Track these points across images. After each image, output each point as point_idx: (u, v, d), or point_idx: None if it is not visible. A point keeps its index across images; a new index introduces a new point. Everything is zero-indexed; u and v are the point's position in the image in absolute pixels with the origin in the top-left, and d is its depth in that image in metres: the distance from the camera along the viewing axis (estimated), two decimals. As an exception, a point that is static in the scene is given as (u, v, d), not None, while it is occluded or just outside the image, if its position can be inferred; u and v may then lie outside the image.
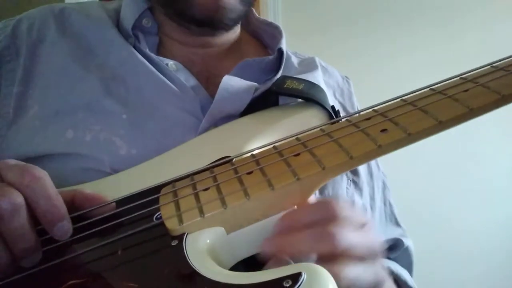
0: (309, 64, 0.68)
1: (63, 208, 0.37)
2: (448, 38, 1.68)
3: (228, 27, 0.61)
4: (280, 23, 1.61)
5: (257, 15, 0.70)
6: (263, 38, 0.69)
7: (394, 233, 0.68)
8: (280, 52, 0.63)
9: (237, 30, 0.66)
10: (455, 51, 1.65)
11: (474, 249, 1.75)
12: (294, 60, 0.67)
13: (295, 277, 0.29)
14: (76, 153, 0.50)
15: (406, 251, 0.68)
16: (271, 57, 0.62)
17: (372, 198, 0.66)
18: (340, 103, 0.66)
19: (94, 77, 0.55)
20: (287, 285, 0.29)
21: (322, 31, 1.65)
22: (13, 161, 0.38)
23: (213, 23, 0.58)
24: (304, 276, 0.29)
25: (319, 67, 0.67)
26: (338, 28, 1.67)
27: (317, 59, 0.69)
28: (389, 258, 0.67)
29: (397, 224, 0.69)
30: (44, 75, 0.55)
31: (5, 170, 0.37)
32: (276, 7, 1.63)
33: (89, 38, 0.58)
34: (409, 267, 0.68)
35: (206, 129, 0.54)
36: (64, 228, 0.37)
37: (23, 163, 0.38)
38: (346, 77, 0.72)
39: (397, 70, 1.63)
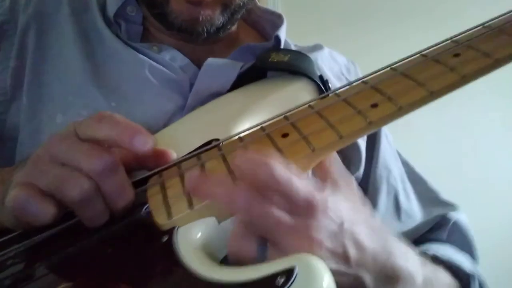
0: (312, 48, 0.66)
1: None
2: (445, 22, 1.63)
3: (213, 37, 0.56)
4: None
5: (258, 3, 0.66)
6: (264, 28, 0.65)
7: (436, 211, 0.60)
8: (278, 39, 0.59)
9: (232, 28, 0.61)
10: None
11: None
12: (294, 48, 0.64)
13: (289, 273, 0.28)
14: None
15: (457, 227, 0.59)
16: (267, 42, 0.59)
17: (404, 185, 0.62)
18: (347, 80, 0.64)
19: (86, 62, 0.54)
20: (282, 280, 0.28)
21: (322, 30, 1.58)
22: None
23: (192, 33, 0.55)
24: (297, 270, 0.29)
25: (325, 49, 0.65)
26: (338, 27, 1.62)
27: (323, 46, 0.67)
28: (441, 241, 0.58)
29: (438, 202, 0.62)
30: (39, 52, 0.55)
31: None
32: (276, 6, 1.57)
33: (84, 22, 0.57)
34: (467, 246, 0.58)
35: (193, 108, 0.53)
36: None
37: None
38: (352, 61, 0.70)
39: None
